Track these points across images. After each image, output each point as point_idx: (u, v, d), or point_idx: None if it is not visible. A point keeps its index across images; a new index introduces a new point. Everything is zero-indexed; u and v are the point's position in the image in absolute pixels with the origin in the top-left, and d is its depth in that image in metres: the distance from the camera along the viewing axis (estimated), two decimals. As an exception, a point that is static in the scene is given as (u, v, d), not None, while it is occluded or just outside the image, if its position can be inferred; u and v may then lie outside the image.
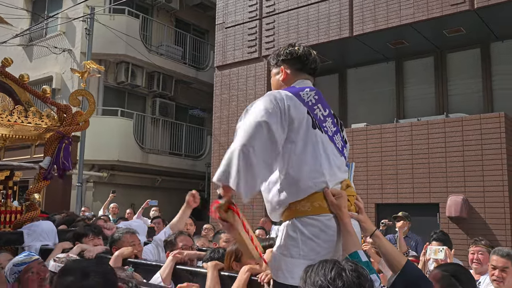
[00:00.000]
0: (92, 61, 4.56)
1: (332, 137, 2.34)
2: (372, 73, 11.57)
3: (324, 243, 2.16)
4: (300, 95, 2.29)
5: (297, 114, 2.21)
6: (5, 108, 3.89)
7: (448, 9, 8.87)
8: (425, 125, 8.96)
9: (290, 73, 2.46)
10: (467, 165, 8.38)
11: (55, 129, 4.21)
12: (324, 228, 2.17)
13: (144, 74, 15.13)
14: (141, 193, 14.40)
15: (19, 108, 4.01)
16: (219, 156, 11.44)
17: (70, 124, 4.23)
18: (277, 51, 2.53)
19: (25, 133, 4.13)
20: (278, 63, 2.50)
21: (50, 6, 15.75)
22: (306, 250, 2.14)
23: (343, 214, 2.17)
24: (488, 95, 10.07)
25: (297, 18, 10.92)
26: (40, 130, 4.19)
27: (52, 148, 4.14)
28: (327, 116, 2.36)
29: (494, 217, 8.02)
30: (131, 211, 9.86)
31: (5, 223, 4.15)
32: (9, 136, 4.06)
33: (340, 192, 2.22)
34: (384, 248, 2.23)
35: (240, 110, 11.53)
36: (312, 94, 2.33)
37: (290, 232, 2.20)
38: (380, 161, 9.26)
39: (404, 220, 7.35)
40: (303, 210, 2.19)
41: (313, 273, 1.61)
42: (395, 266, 2.16)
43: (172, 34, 16.53)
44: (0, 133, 3.98)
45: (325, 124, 2.34)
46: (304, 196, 2.19)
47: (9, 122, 3.90)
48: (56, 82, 14.33)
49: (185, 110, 16.83)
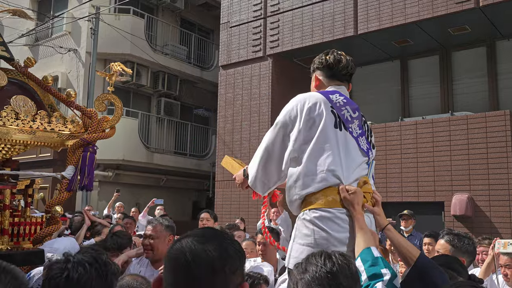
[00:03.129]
0: (120, 63, 4.13)
1: (356, 138, 2.46)
2: (377, 72, 11.55)
3: (337, 233, 2.23)
4: (329, 97, 2.46)
5: (318, 113, 2.37)
6: (27, 113, 3.60)
7: (453, 7, 8.84)
8: (430, 124, 8.95)
9: (322, 79, 2.64)
10: (472, 163, 8.36)
11: (79, 136, 3.86)
12: (336, 220, 2.25)
13: (149, 73, 15.17)
14: (146, 192, 14.46)
15: (42, 113, 3.69)
16: (223, 155, 11.40)
17: (95, 131, 3.87)
18: (314, 60, 2.73)
19: (47, 140, 3.79)
20: (313, 70, 2.70)
21: (56, 6, 15.82)
22: (320, 241, 2.23)
23: (355, 210, 2.22)
24: (493, 94, 10.04)
25: (302, 17, 10.92)
26: (63, 136, 3.85)
27: (76, 157, 3.79)
28: (355, 118, 2.48)
29: (499, 216, 7.99)
30: (136, 210, 9.90)
31: (25, 235, 3.77)
32: (30, 143, 3.73)
33: (354, 189, 2.28)
34: (397, 241, 2.26)
35: (245, 109, 11.56)
36: (341, 98, 2.49)
37: (305, 222, 2.31)
38: (385, 160, 9.25)
39: (410, 219, 7.37)
40: (316, 203, 2.29)
41: (304, 264, 1.73)
42: (409, 259, 2.17)
43: (177, 33, 16.57)
44: (21, 140, 3.65)
45: (351, 125, 2.46)
46: (318, 190, 2.29)
47: (31, 129, 3.61)
48: (62, 82, 14.40)
49: (190, 109, 16.87)
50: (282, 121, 2.44)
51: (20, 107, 3.58)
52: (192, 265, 1.24)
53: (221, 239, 1.32)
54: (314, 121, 2.36)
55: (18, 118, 3.56)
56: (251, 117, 11.39)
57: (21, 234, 3.75)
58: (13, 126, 3.53)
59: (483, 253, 4.40)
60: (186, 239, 1.31)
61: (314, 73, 2.68)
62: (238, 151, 11.24)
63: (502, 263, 3.71)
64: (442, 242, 3.26)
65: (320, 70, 2.65)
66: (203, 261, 1.24)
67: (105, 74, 4.12)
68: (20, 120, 3.57)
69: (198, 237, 1.30)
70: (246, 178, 2.62)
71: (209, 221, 6.25)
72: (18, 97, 3.64)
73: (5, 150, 3.69)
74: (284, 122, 2.43)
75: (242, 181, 2.67)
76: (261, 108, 11.28)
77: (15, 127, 3.54)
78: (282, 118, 2.45)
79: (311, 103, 2.39)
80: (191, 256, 1.25)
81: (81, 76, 14.12)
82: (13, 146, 3.68)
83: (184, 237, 1.33)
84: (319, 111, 2.38)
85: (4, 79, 3.68)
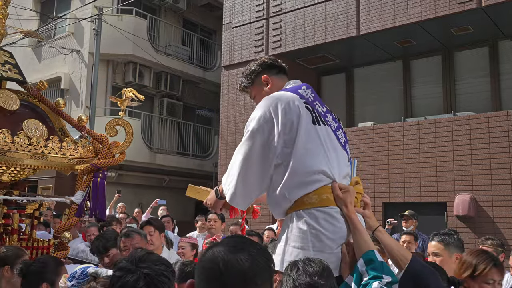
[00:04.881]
0: (132, 89, 4.04)
1: (335, 131, 2.35)
2: (379, 72, 11.55)
3: (332, 234, 2.13)
4: (299, 92, 2.32)
5: (294, 113, 2.21)
6: (40, 138, 3.53)
7: (455, 8, 8.83)
8: (433, 124, 8.94)
9: (272, 79, 2.50)
10: (474, 163, 8.35)
11: (89, 161, 3.78)
12: (331, 220, 2.15)
13: (152, 74, 15.20)
14: (149, 192, 14.49)
15: (54, 138, 3.61)
16: (226, 155, 11.47)
17: (105, 157, 3.74)
18: (244, 72, 2.60)
19: (58, 164, 3.71)
20: (255, 77, 2.55)
21: (59, 7, 15.85)
22: (315, 242, 2.12)
23: (349, 210, 2.14)
24: (496, 94, 10.02)
25: (304, 17, 10.92)
26: (73, 161, 3.76)
27: (86, 182, 3.69)
28: (326, 112, 2.38)
29: (502, 216, 7.98)
30: (139, 211, 9.91)
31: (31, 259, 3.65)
32: (40, 167, 3.66)
33: (347, 187, 2.20)
34: (388, 244, 2.18)
35: (247, 110, 11.56)
36: (309, 91, 2.36)
37: (298, 224, 2.18)
38: (387, 160, 9.25)
39: (411, 219, 7.37)
40: (310, 202, 2.17)
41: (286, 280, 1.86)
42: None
43: (179, 34, 16.59)
44: (32, 165, 3.57)
45: (327, 119, 2.35)
46: (312, 190, 2.18)
47: (42, 154, 3.54)
48: (65, 83, 14.44)
49: (193, 110, 16.88)
50: (257, 128, 2.23)
51: (32, 132, 3.53)
52: (225, 275, 1.26)
53: (252, 249, 1.33)
54: (292, 122, 2.19)
55: (30, 143, 3.50)
56: (253, 118, 11.38)
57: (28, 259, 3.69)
58: (25, 151, 3.47)
59: (486, 254, 4.40)
60: (218, 247, 1.33)
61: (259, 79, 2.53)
62: (240, 151, 11.21)
63: None
64: (433, 243, 3.24)
65: (264, 73, 2.52)
66: (236, 271, 1.26)
67: (117, 99, 4.03)
68: (32, 146, 3.50)
69: (230, 247, 1.32)
70: (219, 199, 2.43)
71: (217, 222, 6.28)
72: (30, 120, 3.59)
73: (14, 173, 3.64)
74: (259, 129, 2.22)
75: (215, 202, 2.45)
76: (264, 109, 11.26)
77: (27, 152, 3.48)
78: (256, 125, 2.23)
79: (284, 104, 2.21)
80: (224, 266, 1.27)
81: (84, 77, 14.15)
82: (22, 169, 3.63)
83: (215, 245, 1.35)
84: (294, 110, 2.21)
85: (16, 103, 3.63)
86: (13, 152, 3.42)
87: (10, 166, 3.51)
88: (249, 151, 2.24)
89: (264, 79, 2.52)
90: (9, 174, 3.60)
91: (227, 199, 2.35)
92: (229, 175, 2.34)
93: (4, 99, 3.56)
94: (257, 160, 2.24)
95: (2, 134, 3.37)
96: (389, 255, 2.18)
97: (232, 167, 2.31)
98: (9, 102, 3.57)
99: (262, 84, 2.52)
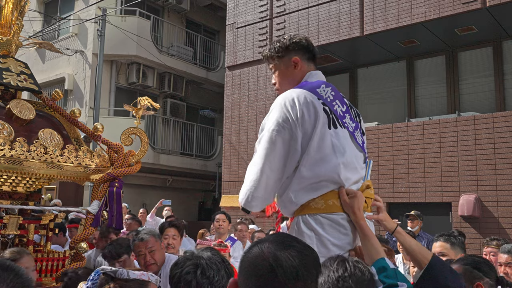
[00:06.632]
0: (147, 97, 4.00)
1: (353, 132, 2.28)
2: (383, 73, 11.54)
3: (338, 241, 2.09)
4: (318, 92, 2.23)
5: (311, 117, 2.15)
6: (56, 147, 3.52)
7: (459, 8, 8.82)
8: (437, 124, 8.94)
9: (301, 63, 2.38)
10: (479, 164, 8.34)
11: (104, 170, 3.75)
12: (337, 227, 2.11)
13: (155, 74, 15.22)
14: (152, 193, 14.51)
15: (69, 147, 3.61)
16: (230, 156, 11.48)
17: (121, 166, 3.73)
18: (279, 43, 2.42)
19: (73, 174, 3.67)
20: (286, 54, 2.39)
21: (62, 8, 15.89)
22: (320, 248, 2.05)
23: (356, 216, 2.08)
24: (500, 94, 10.00)
25: (308, 17, 10.93)
26: (89, 171, 3.73)
27: (102, 192, 3.68)
28: (345, 112, 2.30)
29: (507, 216, 7.97)
30: (144, 211, 9.92)
31: (47, 271, 3.63)
32: (56, 177, 3.63)
33: (354, 192, 2.12)
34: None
35: (251, 110, 11.58)
36: (329, 90, 2.28)
37: (304, 229, 2.13)
38: (391, 160, 9.24)
39: (416, 220, 7.37)
40: (316, 207, 2.13)
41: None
42: (421, 262, 2.07)
43: (182, 35, 16.61)
44: (48, 174, 3.53)
45: (345, 120, 2.27)
46: (319, 195, 2.14)
47: (59, 163, 3.52)
48: (69, 84, 14.48)
49: (196, 110, 16.91)
50: (277, 129, 2.16)
51: (48, 141, 3.52)
52: (277, 271, 1.24)
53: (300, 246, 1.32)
54: (307, 126, 2.14)
55: (46, 152, 3.49)
56: (257, 118, 11.40)
57: (43, 271, 3.65)
58: (41, 161, 3.46)
59: (491, 254, 4.39)
60: (265, 244, 1.30)
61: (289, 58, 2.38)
62: (244, 151, 11.25)
63: (503, 261, 3.73)
64: (439, 243, 3.27)
65: (297, 54, 2.37)
66: (289, 267, 1.24)
67: (132, 108, 4.00)
68: (48, 155, 3.49)
69: (278, 243, 1.30)
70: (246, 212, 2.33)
71: (225, 222, 6.34)
72: (46, 130, 3.58)
73: (29, 184, 3.62)
74: (280, 130, 2.15)
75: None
76: (267, 109, 11.21)
77: (43, 162, 3.47)
78: (276, 126, 2.17)
79: (302, 105, 2.15)
80: (275, 262, 1.25)
81: (87, 78, 14.19)
82: (38, 180, 3.62)
83: (260, 242, 1.33)
84: (312, 113, 2.14)
85: (32, 113, 3.62)
86: (29, 161, 3.40)
87: (25, 177, 3.49)
88: (270, 153, 2.17)
89: (294, 61, 2.38)
90: (24, 185, 3.58)
91: (243, 204, 2.26)
92: (252, 180, 2.23)
93: (20, 108, 3.56)
94: (278, 162, 2.17)
95: (18, 142, 3.36)
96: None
97: (253, 173, 2.22)
98: (25, 112, 3.57)
99: (290, 64, 2.39)
